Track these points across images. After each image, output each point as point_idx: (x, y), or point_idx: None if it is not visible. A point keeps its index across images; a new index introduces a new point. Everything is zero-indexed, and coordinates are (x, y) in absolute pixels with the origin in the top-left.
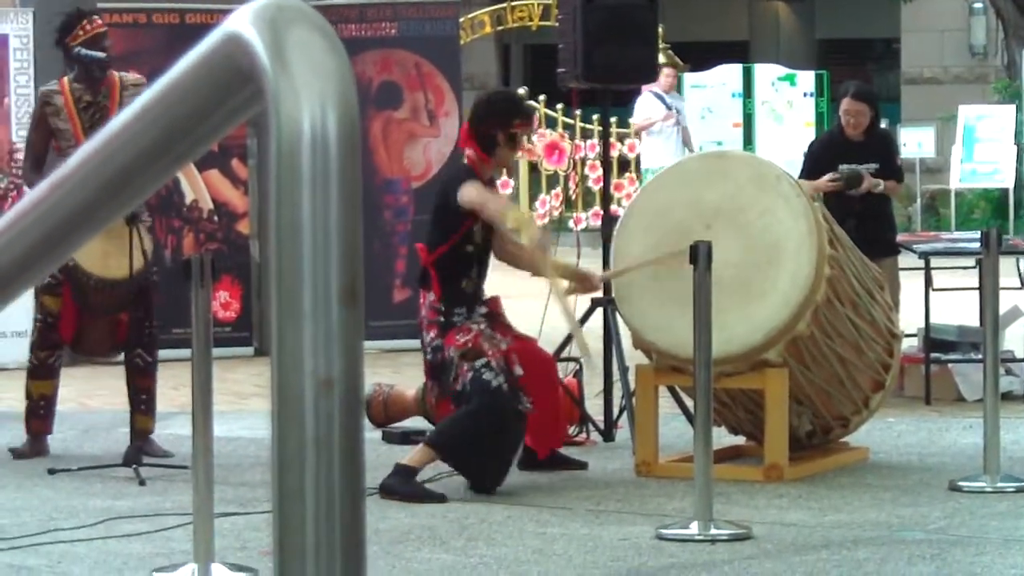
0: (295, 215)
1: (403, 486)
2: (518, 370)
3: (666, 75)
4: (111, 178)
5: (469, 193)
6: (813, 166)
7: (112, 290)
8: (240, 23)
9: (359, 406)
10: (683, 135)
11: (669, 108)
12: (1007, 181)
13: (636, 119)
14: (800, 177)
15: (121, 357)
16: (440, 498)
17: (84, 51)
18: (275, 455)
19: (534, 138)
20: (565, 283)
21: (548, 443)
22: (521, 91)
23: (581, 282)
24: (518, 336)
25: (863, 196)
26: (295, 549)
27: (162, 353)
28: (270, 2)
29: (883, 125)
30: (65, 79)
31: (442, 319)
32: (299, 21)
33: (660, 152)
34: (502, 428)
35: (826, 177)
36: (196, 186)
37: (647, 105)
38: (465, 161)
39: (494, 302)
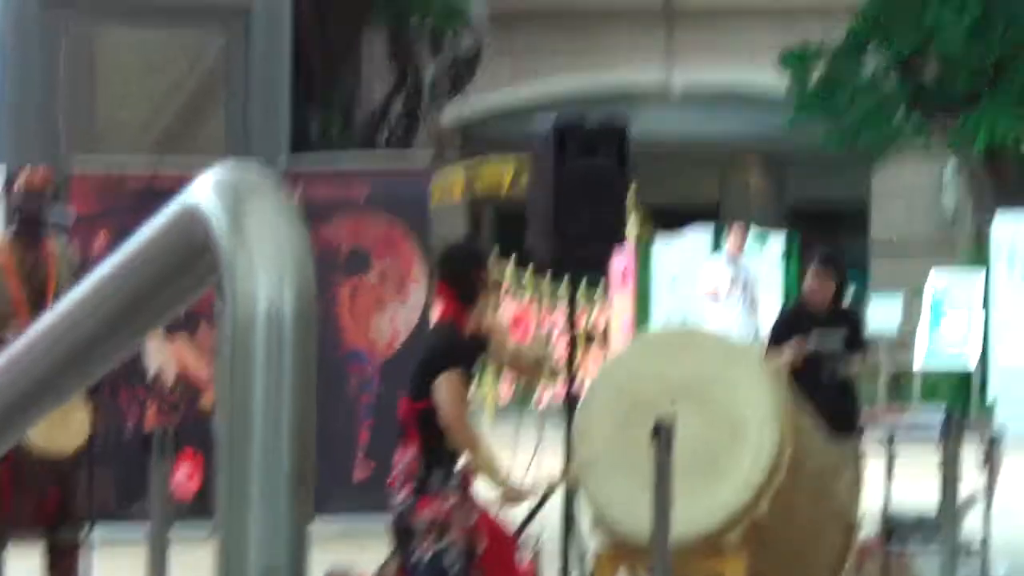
0: (246, 396)
1: None
2: (480, 547)
3: (732, 239)
4: (66, 353)
5: (448, 409)
6: (777, 339)
7: (50, 465)
8: (199, 195)
9: None
10: (750, 301)
11: (736, 274)
12: (973, 357)
13: (703, 286)
14: (766, 348)
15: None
16: None
17: (22, 205)
18: None
19: (500, 307)
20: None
21: None
22: (491, 256)
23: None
24: (484, 514)
25: (830, 373)
26: None
27: (117, 529)
28: (230, 174)
29: (850, 297)
30: (2, 234)
31: (418, 480)
32: (258, 194)
33: (726, 320)
34: None
35: (798, 347)
36: (160, 357)
37: (713, 271)
38: (454, 319)
39: (466, 476)
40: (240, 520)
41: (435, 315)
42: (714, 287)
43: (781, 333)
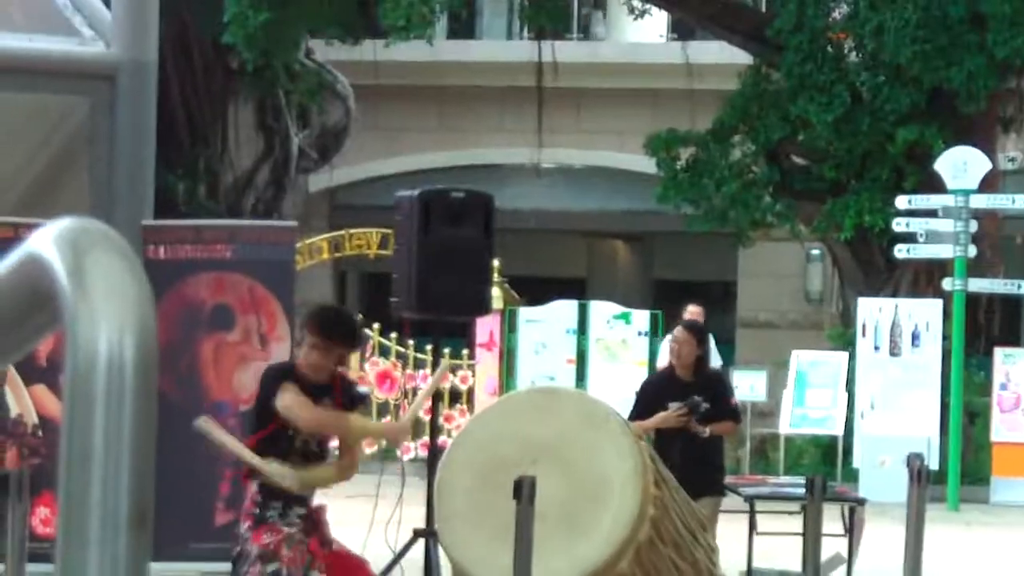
0: (87, 441)
1: None
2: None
3: (690, 312)
4: None
5: (297, 411)
6: (644, 407)
7: None
8: (42, 244)
9: None
10: None
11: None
12: (837, 428)
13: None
14: (630, 417)
15: None
16: None
17: None
18: None
19: (366, 366)
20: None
21: None
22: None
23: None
24: (338, 552)
25: (694, 437)
26: None
27: None
28: (73, 224)
29: (715, 365)
30: None
31: (257, 511)
32: (100, 245)
33: None
34: None
35: (667, 414)
36: (21, 400)
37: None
38: (294, 361)
39: (319, 510)
40: (79, 561)
41: None
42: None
43: (649, 399)
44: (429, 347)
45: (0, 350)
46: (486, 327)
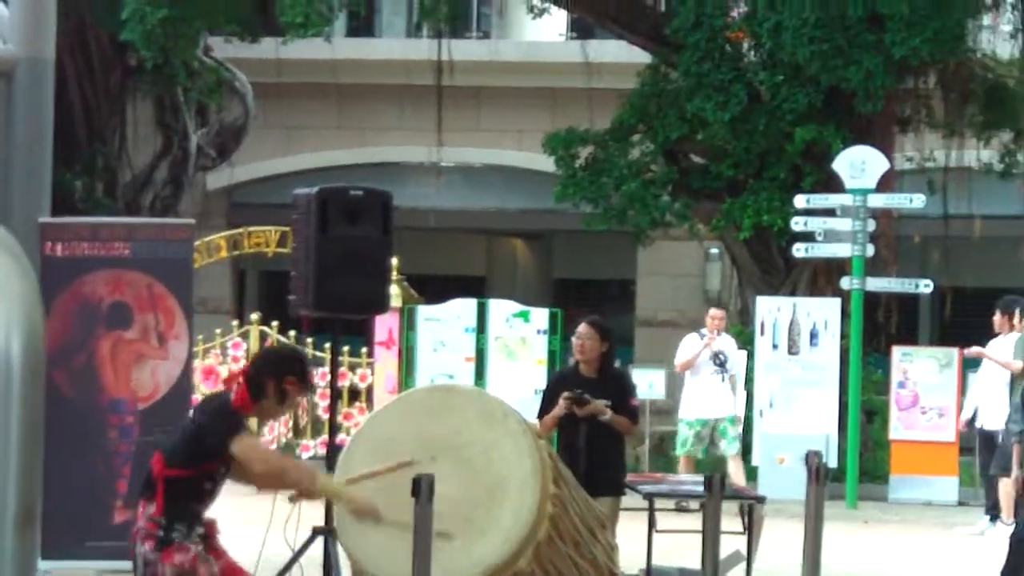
0: None
1: None
2: None
3: (711, 316)
4: None
5: (264, 464)
6: (548, 404)
7: None
8: None
9: None
10: (730, 382)
11: (717, 355)
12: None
13: (678, 360)
14: (538, 415)
15: None
16: None
17: None
18: None
19: None
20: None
21: None
22: (254, 316)
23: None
24: (229, 562)
25: (595, 436)
26: None
27: None
28: None
29: (617, 365)
30: None
31: (161, 533)
32: None
33: (698, 399)
34: None
35: (555, 410)
36: None
37: (689, 345)
38: (233, 401)
39: (211, 526)
40: None
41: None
42: (689, 362)
43: (553, 396)
44: (328, 345)
45: None
46: (385, 325)
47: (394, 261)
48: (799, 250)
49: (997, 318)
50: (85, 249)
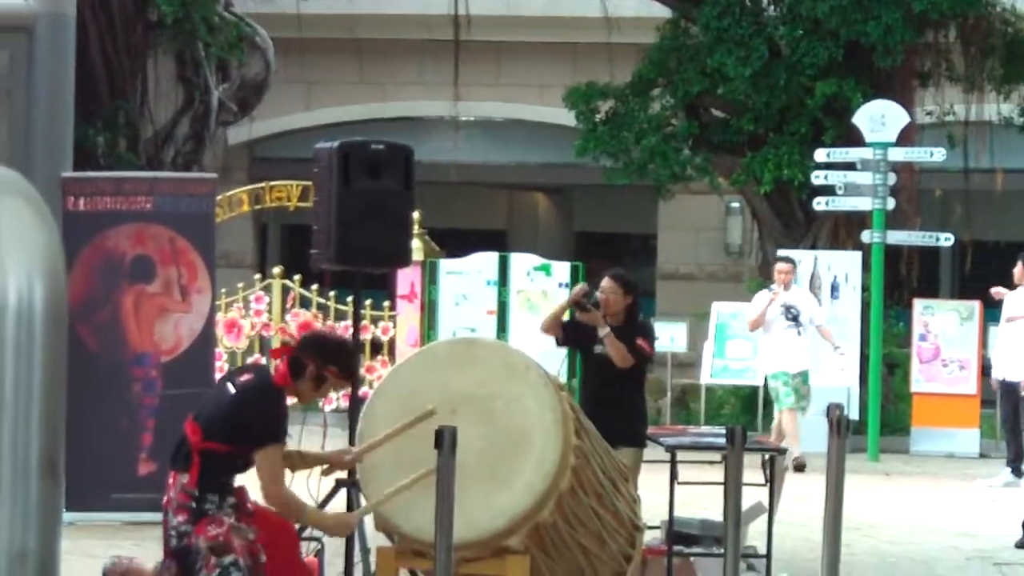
0: None
1: None
2: (262, 557)
3: (779, 271)
4: None
5: (270, 485)
6: (567, 333)
7: None
8: None
9: None
10: (822, 334)
11: (788, 308)
12: (757, 379)
13: (748, 317)
14: (559, 344)
15: None
16: None
17: None
18: None
19: (287, 317)
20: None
21: None
22: (276, 270)
23: (334, 465)
24: (261, 512)
25: (616, 387)
26: None
27: None
28: None
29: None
30: None
31: (193, 504)
32: (9, 192)
33: (773, 356)
34: None
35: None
36: None
37: (759, 301)
38: (273, 373)
39: (241, 492)
40: None
41: (273, 370)
42: (758, 319)
43: (575, 327)
44: (350, 298)
45: None
46: (407, 279)
47: (415, 215)
48: (819, 204)
49: (1018, 270)
50: (107, 203)
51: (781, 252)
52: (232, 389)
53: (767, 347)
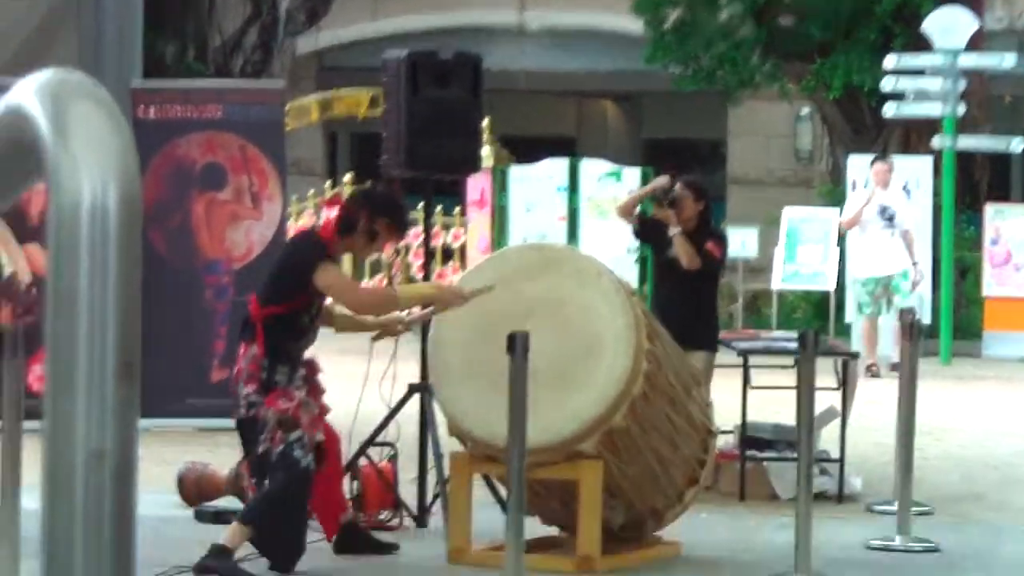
0: (72, 288)
1: (219, 566)
2: (320, 435)
3: (875, 171)
4: None
5: (343, 290)
6: (644, 227)
7: None
8: (24, 96)
9: (131, 478)
10: (905, 239)
11: (884, 209)
12: (828, 284)
13: (843, 218)
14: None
15: None
16: None
17: None
18: (44, 526)
19: None
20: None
21: (331, 520)
22: (346, 177)
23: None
24: (323, 407)
25: (688, 292)
26: None
27: None
28: (55, 76)
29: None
30: None
31: (264, 375)
32: (82, 96)
33: (868, 257)
34: (304, 505)
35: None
36: (15, 258)
37: (854, 202)
38: (319, 231)
39: (312, 366)
40: (68, 407)
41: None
42: (853, 219)
43: (654, 224)
44: (420, 205)
45: None
46: (477, 185)
47: (485, 122)
48: (890, 110)
49: None
50: (178, 112)
51: (878, 164)
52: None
53: (861, 248)
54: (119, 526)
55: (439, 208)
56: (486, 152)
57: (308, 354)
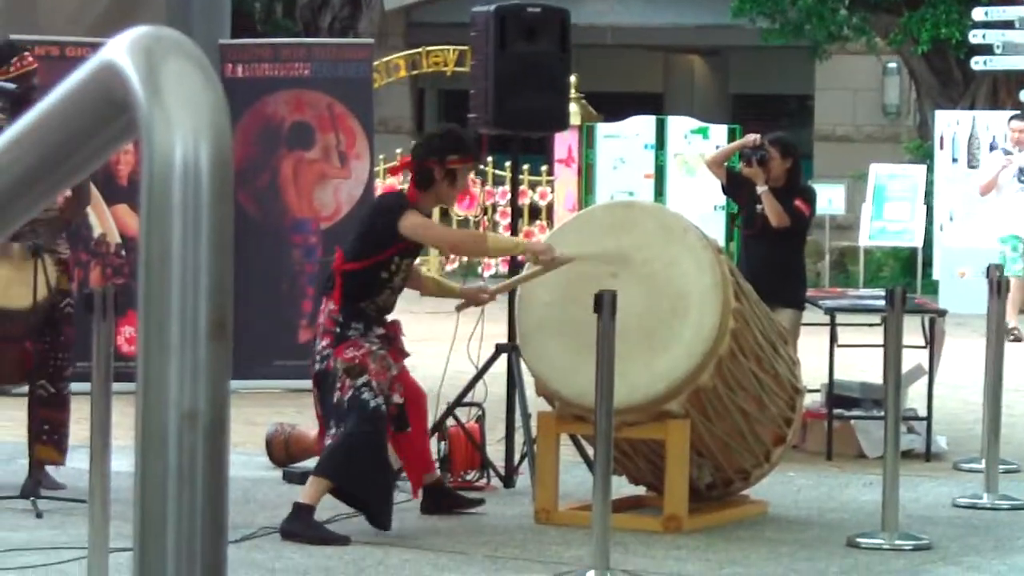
0: (165, 247)
1: (305, 529)
2: (397, 398)
3: (1013, 128)
4: None
5: (428, 233)
6: (735, 185)
7: (13, 320)
8: (116, 52)
9: (224, 439)
10: None
11: (1022, 171)
12: (916, 240)
13: (980, 181)
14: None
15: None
16: (343, 540)
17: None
18: (138, 486)
19: None
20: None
21: (422, 474)
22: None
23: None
24: (402, 375)
25: (775, 249)
26: None
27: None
28: (147, 32)
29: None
30: None
31: (338, 330)
32: (175, 52)
33: (1005, 216)
34: (380, 446)
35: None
36: (104, 220)
37: (991, 164)
38: (401, 192)
39: (394, 326)
40: (161, 367)
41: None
42: (991, 182)
43: (742, 180)
44: (508, 163)
45: (77, 161)
46: (564, 143)
47: (572, 79)
48: (978, 63)
49: None
50: (266, 70)
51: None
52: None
53: (997, 209)
54: (211, 487)
55: (526, 166)
56: (573, 109)
57: (391, 317)
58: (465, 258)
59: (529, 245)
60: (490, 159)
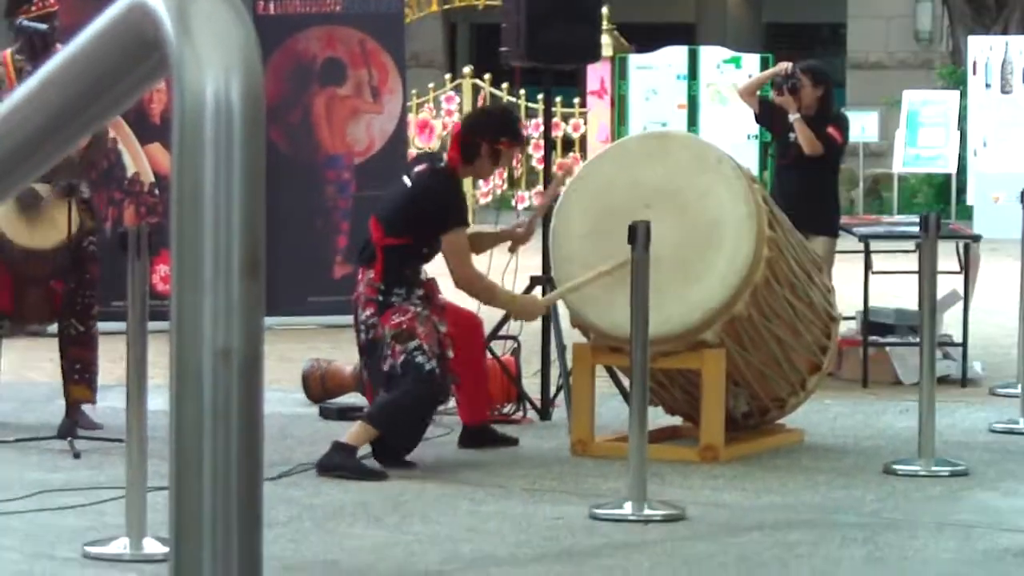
0: (197, 185)
1: (344, 462)
2: (449, 353)
3: None
4: (17, 145)
5: (460, 269)
6: (768, 113)
7: (40, 260)
8: None
9: (258, 376)
10: None
11: None
12: (950, 166)
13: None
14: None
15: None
16: (381, 475)
17: (26, 22)
18: (173, 425)
19: None
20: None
21: (476, 413)
22: (466, 70)
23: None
24: (451, 308)
25: (808, 177)
26: (191, 520)
27: (101, 326)
28: None
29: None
30: (8, 51)
31: (380, 298)
32: None
33: None
34: (430, 410)
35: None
36: (137, 159)
37: None
38: (445, 160)
39: (431, 284)
40: (194, 305)
41: (445, 157)
42: None
43: (773, 112)
44: (540, 96)
45: (108, 101)
46: (597, 75)
47: (604, 10)
48: None
49: None
50: (297, 7)
51: None
52: (408, 182)
53: None
54: (247, 424)
55: (558, 99)
56: (605, 41)
57: (427, 275)
58: (500, 191)
59: (517, 312)
60: (522, 92)
